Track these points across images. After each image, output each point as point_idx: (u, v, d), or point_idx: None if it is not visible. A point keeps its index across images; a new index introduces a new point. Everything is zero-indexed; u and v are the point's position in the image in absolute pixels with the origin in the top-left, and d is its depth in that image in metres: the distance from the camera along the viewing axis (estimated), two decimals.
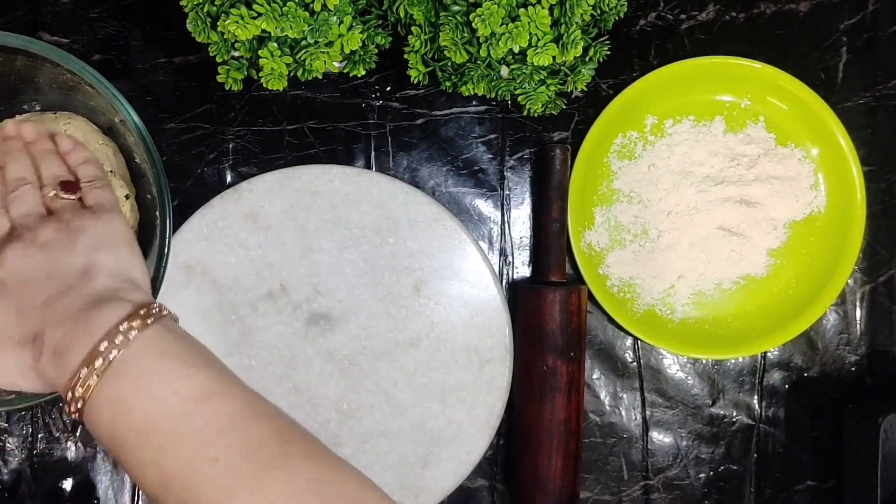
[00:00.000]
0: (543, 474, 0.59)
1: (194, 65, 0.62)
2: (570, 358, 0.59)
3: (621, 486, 0.64)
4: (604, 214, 0.64)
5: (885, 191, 0.65)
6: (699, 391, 0.65)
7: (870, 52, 0.65)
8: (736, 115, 0.64)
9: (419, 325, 0.61)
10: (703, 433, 0.65)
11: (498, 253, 0.64)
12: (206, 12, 0.52)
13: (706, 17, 0.65)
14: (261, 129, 0.62)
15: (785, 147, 0.64)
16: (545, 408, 0.59)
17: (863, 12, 0.65)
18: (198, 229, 0.60)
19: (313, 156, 0.63)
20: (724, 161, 0.63)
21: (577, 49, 0.53)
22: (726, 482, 0.65)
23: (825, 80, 0.65)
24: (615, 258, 0.63)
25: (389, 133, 0.63)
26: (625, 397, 0.64)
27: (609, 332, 0.64)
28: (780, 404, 0.65)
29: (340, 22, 0.53)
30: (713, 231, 0.63)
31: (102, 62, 0.62)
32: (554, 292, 0.59)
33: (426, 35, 0.56)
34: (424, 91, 0.63)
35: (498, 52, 0.52)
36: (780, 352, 0.65)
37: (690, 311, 0.64)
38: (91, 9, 0.62)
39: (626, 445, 0.64)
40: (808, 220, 0.64)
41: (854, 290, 0.65)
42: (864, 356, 0.65)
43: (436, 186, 0.63)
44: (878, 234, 0.65)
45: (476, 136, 0.64)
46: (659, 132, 0.64)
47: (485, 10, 0.51)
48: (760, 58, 0.62)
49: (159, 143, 0.61)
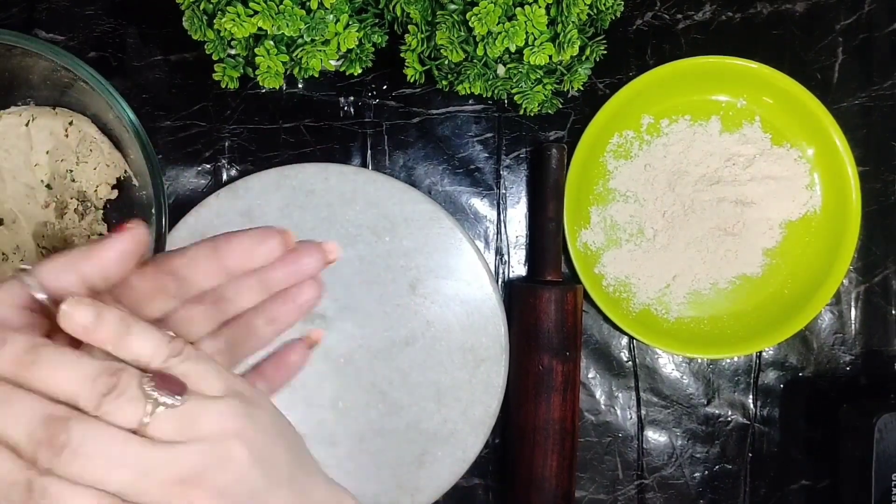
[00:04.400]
0: (539, 473, 0.59)
1: (190, 62, 0.62)
2: (566, 357, 0.59)
3: (616, 485, 0.64)
4: (600, 214, 0.64)
5: (881, 191, 0.65)
6: (694, 390, 0.65)
7: (866, 53, 0.65)
8: (732, 115, 0.64)
9: (415, 324, 0.61)
10: (698, 432, 0.65)
11: (494, 252, 0.64)
12: (202, 10, 0.52)
13: (702, 16, 0.65)
14: (257, 128, 0.62)
15: (781, 147, 0.64)
16: (541, 407, 0.59)
17: (859, 13, 0.65)
18: (193, 228, 0.60)
19: (309, 154, 0.63)
20: (720, 161, 0.63)
21: (573, 48, 0.53)
22: (721, 481, 0.65)
23: (821, 80, 0.65)
24: (611, 257, 0.63)
25: (386, 132, 0.63)
26: (620, 396, 0.64)
27: (605, 332, 0.64)
28: (774, 404, 0.65)
29: (337, 20, 0.53)
30: (709, 231, 0.63)
31: (98, 59, 0.62)
32: (550, 291, 0.59)
33: (423, 34, 0.56)
34: (421, 90, 0.63)
35: (494, 51, 0.52)
36: (775, 351, 0.65)
37: (686, 310, 0.64)
38: (87, 6, 0.62)
39: (622, 444, 0.64)
40: (804, 220, 0.64)
41: (849, 290, 0.65)
42: (859, 356, 0.65)
43: (432, 185, 0.63)
44: (873, 235, 0.65)
45: (472, 135, 0.64)
46: (655, 132, 0.64)
47: (481, 9, 0.51)
48: (756, 58, 0.62)
49: (155, 141, 0.61)
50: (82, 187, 0.59)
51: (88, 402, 0.31)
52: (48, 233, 0.59)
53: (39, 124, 0.58)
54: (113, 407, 0.30)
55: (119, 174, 0.60)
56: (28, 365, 0.31)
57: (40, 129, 0.58)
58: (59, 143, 0.58)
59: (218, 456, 0.31)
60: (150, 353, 0.32)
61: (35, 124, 0.58)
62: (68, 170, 0.59)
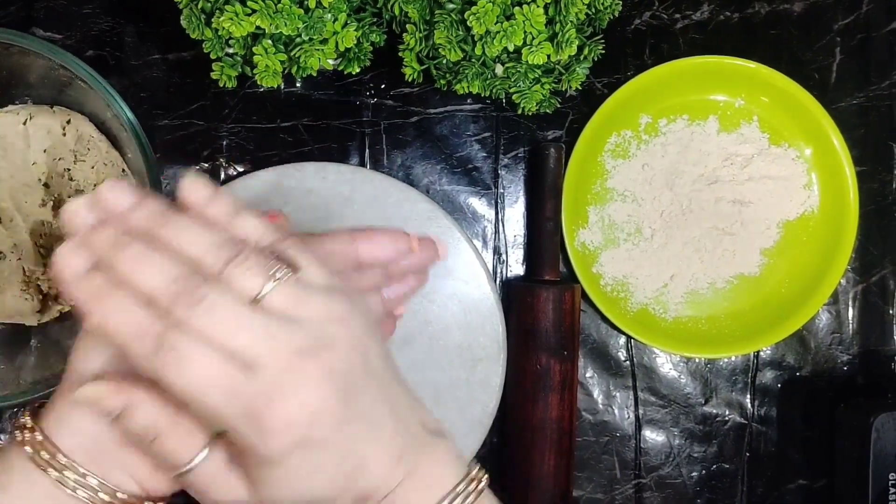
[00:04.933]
0: (536, 473, 0.59)
1: (188, 61, 0.62)
2: (564, 356, 0.59)
3: (614, 484, 0.64)
4: (598, 213, 0.64)
5: (878, 191, 0.65)
6: (692, 390, 0.65)
7: (863, 53, 0.65)
8: (730, 114, 0.64)
9: (413, 323, 0.60)
10: (696, 432, 0.65)
11: (492, 251, 0.64)
12: (200, 9, 0.52)
13: (700, 16, 0.65)
14: (255, 127, 0.62)
15: (778, 147, 0.64)
16: (538, 406, 0.59)
17: (856, 13, 0.65)
18: None
19: (307, 153, 0.63)
20: (718, 160, 0.63)
21: (571, 48, 0.53)
22: (718, 481, 0.65)
23: (819, 80, 0.65)
24: (609, 257, 0.63)
25: (384, 131, 0.63)
26: (618, 396, 0.64)
27: (602, 331, 0.64)
28: (772, 403, 0.65)
29: (335, 19, 0.53)
30: (707, 230, 0.63)
31: (96, 58, 0.61)
32: (547, 291, 0.59)
33: (421, 33, 0.56)
34: (419, 89, 0.63)
35: (493, 50, 0.52)
36: (772, 351, 0.65)
37: (683, 309, 0.64)
38: (84, 4, 0.61)
39: (619, 444, 0.64)
40: (801, 219, 0.64)
41: (846, 290, 0.65)
42: (856, 356, 0.65)
43: (430, 184, 0.63)
44: (871, 234, 0.65)
45: (470, 134, 0.64)
46: (653, 131, 0.64)
47: (480, 8, 0.51)
48: (754, 58, 0.62)
49: (153, 140, 0.60)
50: (80, 186, 0.59)
51: (214, 266, 0.33)
52: (46, 231, 0.59)
53: (37, 123, 0.58)
54: (237, 272, 0.32)
55: (117, 173, 0.60)
56: (161, 225, 0.33)
57: (38, 128, 0.58)
58: (56, 142, 0.58)
59: (327, 336, 0.33)
60: (260, 235, 0.34)
61: (33, 123, 0.58)
62: (66, 168, 0.58)
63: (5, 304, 0.58)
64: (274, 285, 0.33)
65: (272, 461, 0.32)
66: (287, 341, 0.32)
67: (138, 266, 0.32)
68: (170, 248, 0.33)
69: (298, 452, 0.32)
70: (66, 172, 0.59)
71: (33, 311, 0.58)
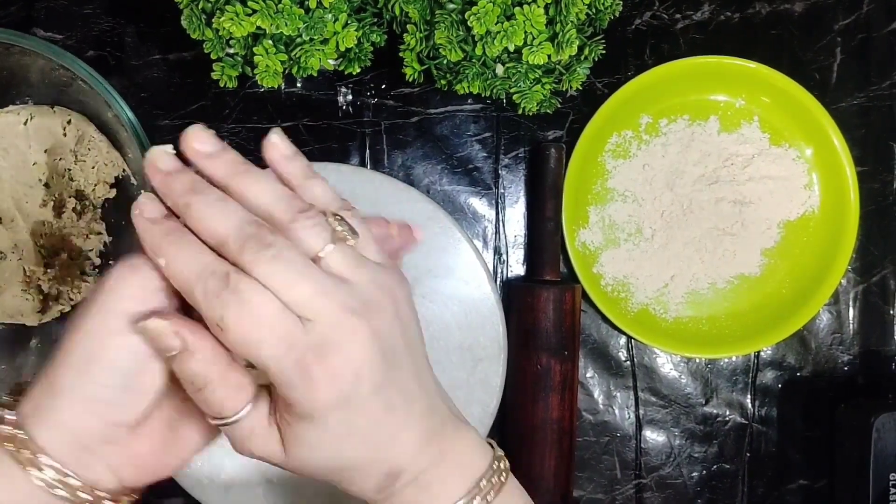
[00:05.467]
0: (537, 473, 0.59)
1: (189, 61, 0.62)
2: (564, 357, 0.59)
3: (614, 484, 0.64)
4: (598, 213, 0.64)
5: (879, 191, 0.65)
6: (692, 390, 0.65)
7: (864, 53, 0.65)
8: (730, 114, 0.64)
9: None
10: (696, 432, 0.65)
11: (492, 251, 0.64)
12: (200, 9, 0.52)
13: (701, 16, 0.65)
14: (255, 127, 0.62)
15: (779, 147, 0.64)
16: (539, 406, 0.59)
17: (857, 13, 0.65)
18: None
19: (308, 153, 0.62)
20: (719, 161, 0.63)
21: (572, 48, 0.53)
22: (719, 481, 0.65)
23: (819, 80, 0.65)
24: (609, 257, 0.63)
25: (384, 131, 0.63)
26: (618, 396, 0.64)
27: (603, 331, 0.64)
28: (772, 403, 0.65)
29: (336, 19, 0.53)
30: (707, 230, 0.63)
31: (96, 58, 0.61)
32: (548, 291, 0.59)
33: (421, 33, 0.56)
34: (419, 89, 0.63)
35: (493, 50, 0.52)
36: (773, 351, 0.65)
37: (684, 310, 0.64)
38: (85, 5, 0.62)
39: (620, 444, 0.64)
40: (802, 219, 0.64)
41: (847, 290, 0.65)
42: (857, 356, 0.65)
43: (430, 184, 0.63)
44: (872, 235, 0.65)
45: (471, 134, 0.64)
46: (653, 131, 0.64)
47: (480, 8, 0.51)
48: (755, 58, 0.62)
49: (153, 140, 0.60)
50: (80, 186, 0.59)
51: (284, 216, 0.34)
52: (46, 231, 0.59)
53: (38, 123, 0.58)
54: (303, 229, 0.34)
55: (117, 173, 0.60)
56: (235, 174, 0.36)
57: (38, 128, 0.58)
58: (57, 142, 0.58)
59: (375, 301, 0.35)
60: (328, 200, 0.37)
61: (33, 123, 0.58)
62: (66, 168, 0.59)
63: (6, 304, 0.58)
64: (334, 248, 0.34)
65: (312, 417, 0.34)
66: (341, 300, 0.33)
67: (212, 211, 0.34)
68: (244, 197, 0.35)
69: (337, 412, 0.34)
70: (67, 172, 0.59)
71: (34, 311, 0.58)
